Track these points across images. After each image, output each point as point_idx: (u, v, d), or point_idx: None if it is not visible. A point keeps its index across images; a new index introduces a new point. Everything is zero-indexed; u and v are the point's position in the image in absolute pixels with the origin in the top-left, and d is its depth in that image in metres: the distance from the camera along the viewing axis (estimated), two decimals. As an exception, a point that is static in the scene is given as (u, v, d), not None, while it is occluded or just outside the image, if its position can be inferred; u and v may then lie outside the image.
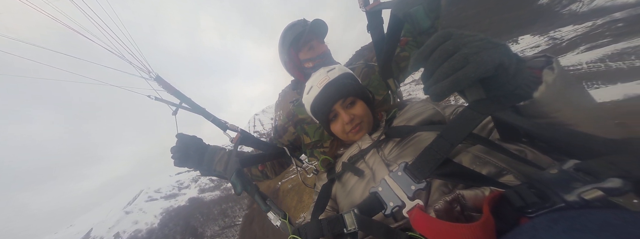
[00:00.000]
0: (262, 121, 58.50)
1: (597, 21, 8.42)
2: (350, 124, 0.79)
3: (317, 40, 1.20)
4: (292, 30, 1.18)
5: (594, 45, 7.33)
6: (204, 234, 25.85)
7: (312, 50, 1.19)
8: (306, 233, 0.56)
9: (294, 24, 1.20)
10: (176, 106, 0.95)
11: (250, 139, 1.06)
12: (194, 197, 33.98)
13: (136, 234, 28.95)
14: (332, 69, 0.83)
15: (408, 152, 0.64)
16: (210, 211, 28.49)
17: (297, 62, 1.22)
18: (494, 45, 0.37)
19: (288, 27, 1.21)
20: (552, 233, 0.27)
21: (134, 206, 36.17)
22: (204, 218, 27.66)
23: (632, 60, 5.34)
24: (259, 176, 1.25)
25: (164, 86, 0.94)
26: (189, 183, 39.28)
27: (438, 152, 0.44)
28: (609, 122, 0.44)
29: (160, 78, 0.94)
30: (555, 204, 0.30)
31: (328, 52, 1.22)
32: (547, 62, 0.43)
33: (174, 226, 27.57)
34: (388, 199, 0.51)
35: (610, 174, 0.27)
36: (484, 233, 0.32)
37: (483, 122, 0.59)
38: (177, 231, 26.12)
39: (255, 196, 0.69)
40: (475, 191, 0.42)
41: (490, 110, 0.40)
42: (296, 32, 1.16)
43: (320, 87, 0.79)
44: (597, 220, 0.25)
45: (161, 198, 37.37)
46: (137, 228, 30.37)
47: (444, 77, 0.38)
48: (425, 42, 0.41)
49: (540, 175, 0.34)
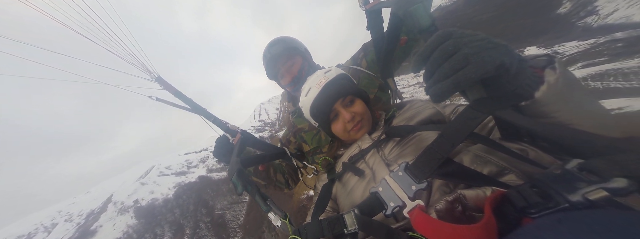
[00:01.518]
0: (267, 110, 59.64)
1: (600, 39, 8.98)
2: (351, 122, 0.79)
3: (284, 66, 1.19)
4: (264, 63, 1.23)
5: (590, 63, 7.88)
6: (215, 207, 28.38)
7: (284, 78, 1.22)
8: (306, 233, 0.55)
9: (263, 56, 1.23)
10: (178, 107, 0.96)
11: (251, 140, 1.06)
12: (203, 175, 36.76)
13: (153, 202, 32.26)
14: (329, 71, 0.84)
15: (408, 152, 0.64)
16: (219, 188, 30.95)
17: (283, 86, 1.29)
18: (495, 45, 0.37)
19: (263, 58, 1.24)
20: (557, 233, 0.26)
21: (148, 178, 39.55)
22: (214, 193, 30.18)
23: (609, 81, 6.12)
24: (282, 183, 1.26)
25: (165, 86, 0.94)
26: (198, 163, 42.23)
27: (439, 152, 0.43)
28: (610, 123, 0.44)
29: (161, 79, 0.93)
30: (559, 204, 0.30)
31: (302, 69, 1.20)
32: (549, 61, 0.43)
33: (187, 197, 30.28)
34: (388, 200, 0.51)
35: (615, 173, 0.26)
36: (485, 234, 0.32)
37: (485, 121, 0.57)
38: (190, 202, 28.83)
39: (256, 196, 0.69)
40: (476, 190, 0.41)
41: (492, 109, 0.40)
42: (265, 66, 1.22)
43: (320, 88, 0.79)
44: (603, 221, 0.25)
45: (172, 174, 40.51)
46: (153, 197, 33.65)
47: (445, 78, 0.38)
48: (426, 42, 0.42)
49: (543, 175, 0.34)
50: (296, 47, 1.20)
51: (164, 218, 29.56)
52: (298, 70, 1.19)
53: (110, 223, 32.47)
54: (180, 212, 29.50)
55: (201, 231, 26.44)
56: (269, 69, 1.22)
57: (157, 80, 0.93)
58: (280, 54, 1.17)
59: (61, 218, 42.80)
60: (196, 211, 28.66)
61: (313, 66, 1.25)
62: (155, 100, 0.91)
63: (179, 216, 28.97)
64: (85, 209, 41.39)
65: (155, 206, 32.06)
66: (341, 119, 0.81)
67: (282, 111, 58.21)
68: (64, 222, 41.33)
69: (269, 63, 1.19)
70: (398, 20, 0.65)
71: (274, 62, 1.18)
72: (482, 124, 0.59)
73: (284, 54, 1.18)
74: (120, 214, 33.13)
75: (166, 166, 44.23)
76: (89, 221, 35.77)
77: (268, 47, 1.20)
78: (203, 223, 27.12)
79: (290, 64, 1.19)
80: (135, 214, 32.02)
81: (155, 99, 0.91)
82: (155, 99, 0.91)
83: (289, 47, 1.18)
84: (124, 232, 29.87)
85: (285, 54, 1.18)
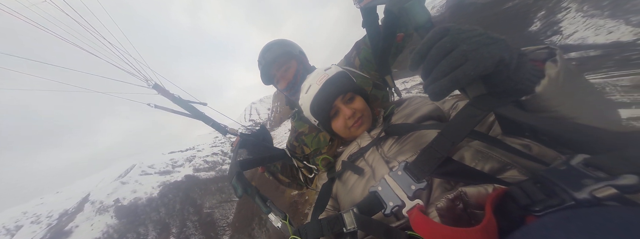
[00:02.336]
0: (258, 110, 59.34)
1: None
2: (352, 119, 0.80)
3: (279, 71, 1.19)
4: (260, 68, 1.21)
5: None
6: (203, 206, 27.94)
7: (280, 83, 1.22)
8: (306, 233, 0.56)
9: (259, 61, 1.22)
10: (177, 113, 0.96)
11: (250, 143, 1.06)
12: (189, 174, 35.88)
13: (136, 202, 30.75)
14: (329, 68, 0.85)
15: (407, 149, 0.64)
16: (207, 187, 30.52)
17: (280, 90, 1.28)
18: (493, 40, 0.36)
19: (258, 64, 1.23)
20: (566, 232, 0.25)
21: (129, 177, 37.53)
22: (202, 191, 29.71)
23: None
24: (289, 182, 1.26)
25: (162, 93, 0.94)
26: (183, 162, 40.78)
27: (438, 151, 0.43)
28: (614, 117, 0.43)
29: (158, 86, 0.94)
30: (564, 202, 0.29)
31: (297, 73, 1.20)
32: (549, 54, 0.42)
33: (174, 196, 29.48)
34: (387, 199, 0.51)
35: (624, 170, 0.26)
36: (486, 237, 0.31)
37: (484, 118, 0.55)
38: (176, 201, 28.11)
39: (256, 198, 0.69)
40: (478, 188, 0.40)
41: (492, 106, 0.39)
42: (261, 71, 1.21)
43: (320, 85, 0.80)
44: (615, 219, 0.24)
45: (155, 173, 38.79)
46: (136, 196, 32.01)
47: (443, 76, 0.38)
48: (423, 39, 0.40)
49: (547, 171, 0.33)
50: (290, 51, 1.20)
51: (148, 217, 28.57)
52: (293, 75, 1.19)
53: (88, 223, 30.75)
54: (165, 211, 28.70)
55: (188, 229, 25.94)
56: (264, 76, 1.23)
57: (154, 87, 0.94)
58: (274, 60, 1.17)
59: (27, 220, 39.61)
60: (183, 209, 28.06)
61: (308, 69, 1.24)
62: (154, 107, 0.92)
63: (164, 215, 28.19)
64: (57, 209, 38.67)
65: (139, 205, 30.85)
66: (342, 115, 0.82)
67: (273, 111, 57.91)
68: (30, 224, 38.32)
69: (264, 69, 1.19)
70: (393, 17, 0.66)
71: (269, 68, 1.18)
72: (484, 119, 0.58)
73: (278, 59, 1.18)
74: (99, 214, 31.49)
75: (149, 165, 42.53)
76: (62, 222, 33.52)
77: (262, 53, 1.21)
78: (190, 221, 26.63)
79: (285, 69, 1.19)
80: (115, 214, 30.60)
81: (154, 107, 0.92)
82: (154, 107, 0.92)
83: (283, 52, 1.18)
84: (103, 232, 28.47)
85: (279, 59, 1.18)
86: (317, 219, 0.58)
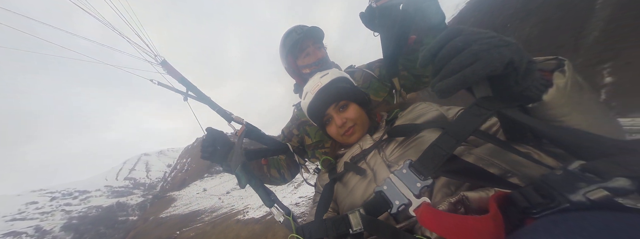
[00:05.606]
0: (149, 165, 47.69)
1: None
2: (343, 128, 0.81)
3: (313, 46, 1.22)
4: (289, 38, 1.22)
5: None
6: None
7: (309, 57, 1.22)
8: (310, 233, 0.55)
9: (290, 32, 1.24)
10: (183, 94, 0.95)
11: (255, 133, 1.05)
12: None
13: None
14: (325, 75, 0.86)
15: (410, 153, 0.63)
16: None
17: (296, 68, 1.28)
18: (506, 43, 0.36)
19: (285, 35, 1.25)
20: (551, 235, 0.27)
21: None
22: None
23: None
24: (277, 178, 1.25)
25: (169, 71, 0.91)
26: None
27: (443, 149, 0.43)
28: (618, 128, 0.43)
29: (166, 63, 0.91)
30: (560, 204, 0.30)
31: (325, 57, 1.25)
32: (558, 65, 0.43)
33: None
34: (394, 198, 0.50)
35: (616, 173, 0.27)
36: (494, 225, 0.32)
37: (488, 124, 0.59)
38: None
39: (260, 190, 0.69)
40: (479, 192, 0.40)
41: (498, 107, 0.40)
42: (293, 40, 1.20)
43: (314, 93, 0.82)
44: (597, 223, 0.25)
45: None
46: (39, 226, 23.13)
47: (452, 74, 0.38)
48: (435, 38, 0.41)
49: (545, 176, 0.34)
50: (323, 38, 1.30)
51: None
52: (323, 55, 1.25)
53: None
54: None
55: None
56: (294, 45, 1.22)
57: (161, 63, 0.92)
58: (315, 35, 1.23)
59: None
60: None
61: (328, 62, 1.29)
62: (157, 84, 0.91)
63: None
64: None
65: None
66: (334, 123, 0.84)
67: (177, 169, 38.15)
68: None
69: (299, 38, 1.20)
70: (408, 16, 0.66)
71: (306, 38, 1.21)
72: (487, 126, 0.60)
73: (320, 37, 1.26)
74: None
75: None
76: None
77: (301, 26, 1.26)
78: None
79: (319, 47, 1.25)
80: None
81: (157, 84, 0.91)
82: (157, 84, 0.91)
83: (322, 35, 1.27)
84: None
85: (316, 36, 1.25)
86: (322, 219, 0.56)
